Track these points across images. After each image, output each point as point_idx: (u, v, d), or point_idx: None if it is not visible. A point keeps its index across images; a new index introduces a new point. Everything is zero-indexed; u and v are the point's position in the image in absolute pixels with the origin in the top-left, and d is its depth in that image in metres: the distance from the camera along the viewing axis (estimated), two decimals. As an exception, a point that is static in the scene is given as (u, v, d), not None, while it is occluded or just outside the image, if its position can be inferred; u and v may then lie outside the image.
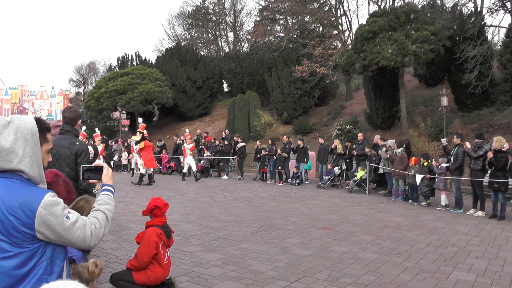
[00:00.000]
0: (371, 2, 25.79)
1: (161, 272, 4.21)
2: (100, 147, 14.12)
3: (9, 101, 52.77)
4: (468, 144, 9.42)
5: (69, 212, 1.82)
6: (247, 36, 36.03)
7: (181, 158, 17.63)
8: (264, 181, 15.81)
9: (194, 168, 16.02)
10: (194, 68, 30.39)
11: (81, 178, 2.33)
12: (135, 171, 17.67)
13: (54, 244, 1.81)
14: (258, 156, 16.16)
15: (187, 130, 17.73)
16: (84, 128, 14.12)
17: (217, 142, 18.52)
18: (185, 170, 16.41)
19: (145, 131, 14.81)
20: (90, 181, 2.33)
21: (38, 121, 1.90)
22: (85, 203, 2.72)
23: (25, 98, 53.78)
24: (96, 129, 14.39)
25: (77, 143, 4.24)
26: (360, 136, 14.01)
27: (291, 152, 14.99)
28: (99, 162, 4.03)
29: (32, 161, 1.81)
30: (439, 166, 10.14)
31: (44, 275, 1.76)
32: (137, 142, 14.91)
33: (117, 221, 8.15)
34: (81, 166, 2.35)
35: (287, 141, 15.35)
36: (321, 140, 15.26)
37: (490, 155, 8.80)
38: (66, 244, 1.86)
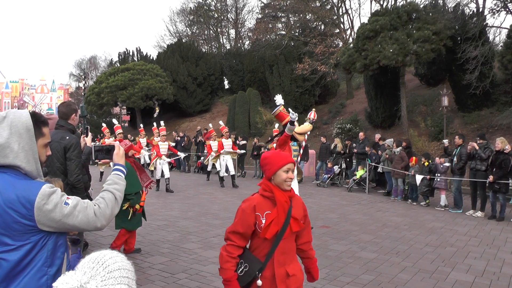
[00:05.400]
0: (373, 1, 25.69)
1: None
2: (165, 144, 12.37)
3: (10, 94, 52.70)
4: (476, 145, 9.33)
5: (67, 198, 1.82)
6: (248, 34, 35.97)
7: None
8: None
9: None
10: (195, 64, 30.35)
11: (93, 159, 2.31)
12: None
13: (57, 235, 1.81)
14: (255, 153, 16.15)
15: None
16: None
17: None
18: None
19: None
20: (103, 160, 2.32)
21: (34, 115, 1.89)
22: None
23: (26, 91, 53.70)
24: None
25: (67, 137, 4.21)
26: (361, 135, 14.02)
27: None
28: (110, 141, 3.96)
29: (27, 156, 1.81)
30: (442, 166, 10.12)
31: (44, 266, 1.76)
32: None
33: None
34: (93, 146, 2.34)
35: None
36: (323, 139, 15.25)
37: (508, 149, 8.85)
38: (71, 230, 1.86)
